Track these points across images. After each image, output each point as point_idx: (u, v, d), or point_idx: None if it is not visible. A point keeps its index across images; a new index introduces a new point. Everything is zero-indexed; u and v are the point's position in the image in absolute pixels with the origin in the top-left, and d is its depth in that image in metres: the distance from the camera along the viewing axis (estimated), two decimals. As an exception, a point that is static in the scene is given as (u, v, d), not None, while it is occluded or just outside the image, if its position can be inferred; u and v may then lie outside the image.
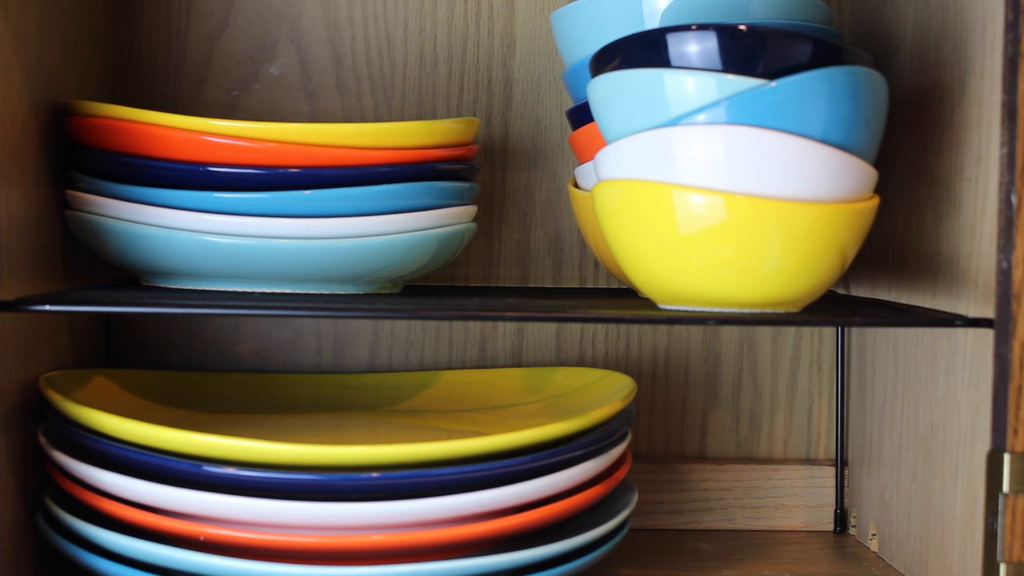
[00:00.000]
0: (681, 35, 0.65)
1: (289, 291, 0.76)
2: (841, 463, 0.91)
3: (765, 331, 0.92)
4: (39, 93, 0.73)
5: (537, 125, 0.92)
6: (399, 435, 0.80)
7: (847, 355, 0.91)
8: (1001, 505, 0.61)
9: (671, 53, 0.66)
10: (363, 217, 0.75)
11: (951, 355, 0.72)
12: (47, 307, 0.65)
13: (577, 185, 0.83)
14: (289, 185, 0.74)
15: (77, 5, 0.80)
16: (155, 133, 0.74)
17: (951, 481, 0.72)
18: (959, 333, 0.71)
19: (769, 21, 0.73)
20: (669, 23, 0.73)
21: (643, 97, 0.66)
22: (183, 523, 0.66)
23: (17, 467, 0.70)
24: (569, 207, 0.92)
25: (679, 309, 0.69)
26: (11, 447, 0.69)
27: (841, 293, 0.90)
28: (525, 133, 0.92)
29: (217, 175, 0.73)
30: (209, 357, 0.91)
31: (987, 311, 0.66)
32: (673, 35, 0.65)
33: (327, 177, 0.74)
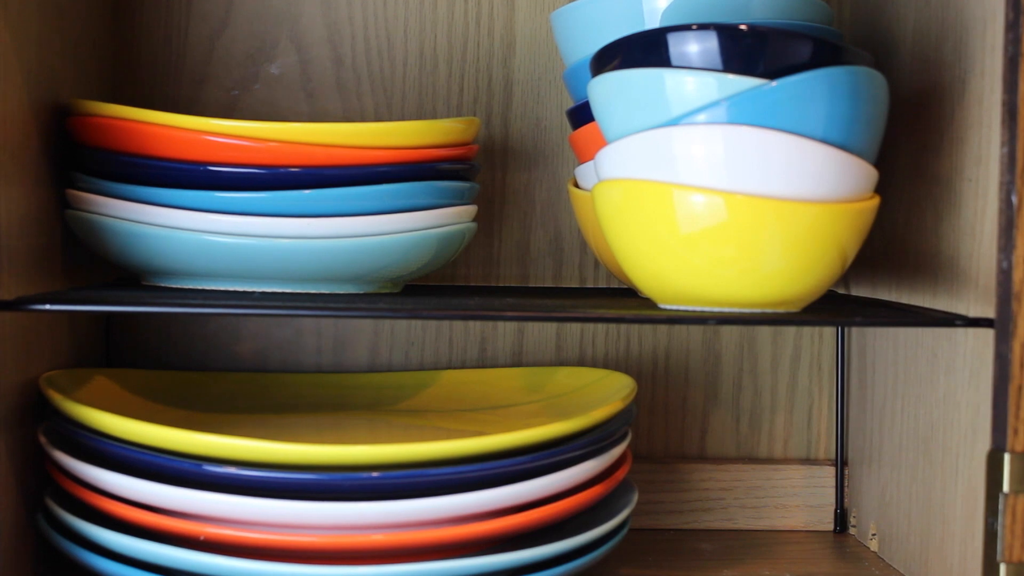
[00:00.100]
0: (681, 35, 0.65)
1: (289, 291, 0.76)
2: (841, 463, 0.91)
3: (765, 331, 0.92)
4: (39, 93, 0.73)
5: (537, 125, 0.92)
6: (399, 435, 0.80)
7: (847, 355, 0.91)
8: (1001, 505, 0.61)
9: (671, 53, 0.66)
10: (363, 217, 0.75)
11: (951, 355, 0.72)
12: (47, 306, 0.65)
13: (577, 185, 0.83)
14: (290, 184, 0.74)
15: (77, 5, 0.80)
16: (155, 132, 0.74)
17: (951, 481, 0.72)
18: (959, 333, 0.71)
19: (769, 21, 0.73)
20: (669, 23, 0.73)
21: (643, 97, 0.66)
22: (184, 522, 0.66)
23: (17, 467, 0.70)
24: (569, 207, 0.91)
25: (679, 309, 0.69)
26: (11, 447, 0.69)
27: (841, 293, 0.90)
28: (525, 133, 0.92)
29: (217, 174, 0.73)
30: (209, 357, 0.91)
31: (987, 311, 0.66)
32: (673, 35, 0.65)
33: (328, 177, 0.74)
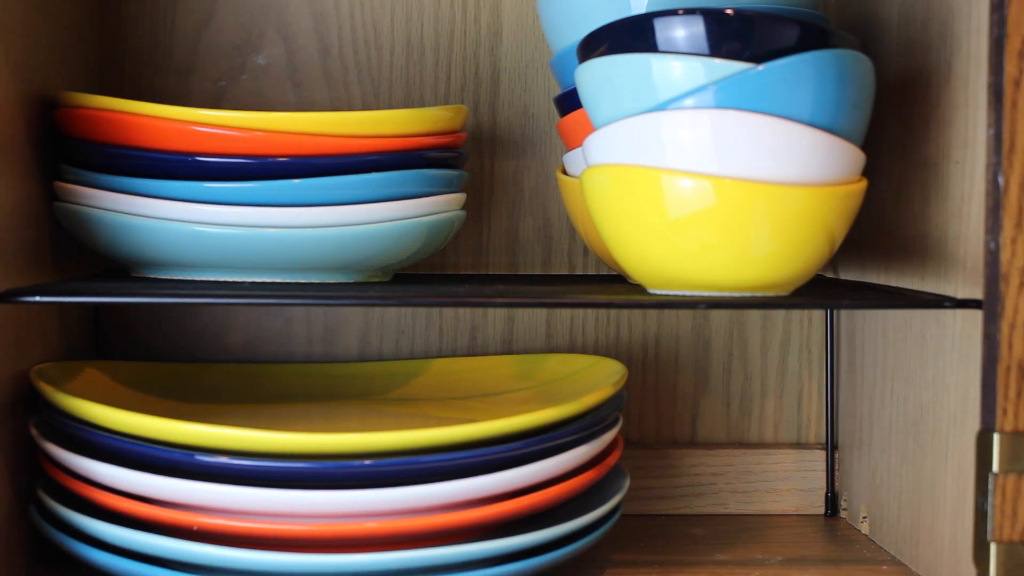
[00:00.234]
0: (668, 20, 0.65)
1: (279, 280, 0.76)
2: (831, 446, 0.91)
3: (755, 316, 0.93)
4: (26, 85, 0.73)
5: (525, 112, 0.92)
6: (390, 423, 0.80)
7: (836, 339, 0.91)
8: (991, 485, 0.62)
9: (658, 38, 0.66)
10: (352, 205, 0.75)
11: (940, 337, 0.72)
12: (37, 298, 0.65)
13: (565, 172, 0.83)
14: (278, 174, 0.74)
15: (63, -4, 0.80)
16: (143, 124, 0.73)
17: (941, 462, 0.72)
18: (948, 315, 0.71)
19: (756, 5, 0.73)
20: (656, 8, 0.73)
21: (630, 82, 0.66)
22: (176, 513, 0.66)
23: (9, 459, 0.70)
24: (558, 194, 0.92)
25: (669, 294, 0.69)
26: (3, 439, 0.69)
27: (830, 277, 0.90)
28: (513, 120, 0.92)
29: (205, 165, 0.73)
30: (200, 348, 0.91)
31: (975, 292, 0.66)
32: (660, 20, 0.66)
33: (316, 166, 0.74)
